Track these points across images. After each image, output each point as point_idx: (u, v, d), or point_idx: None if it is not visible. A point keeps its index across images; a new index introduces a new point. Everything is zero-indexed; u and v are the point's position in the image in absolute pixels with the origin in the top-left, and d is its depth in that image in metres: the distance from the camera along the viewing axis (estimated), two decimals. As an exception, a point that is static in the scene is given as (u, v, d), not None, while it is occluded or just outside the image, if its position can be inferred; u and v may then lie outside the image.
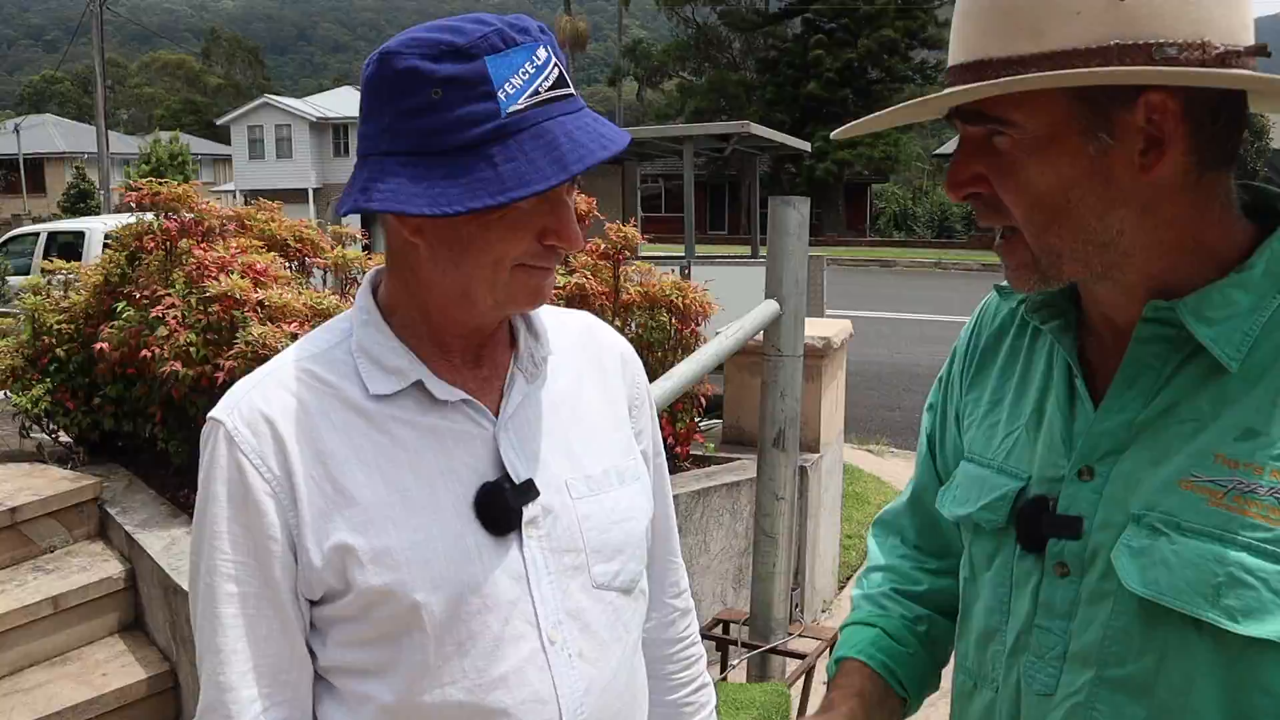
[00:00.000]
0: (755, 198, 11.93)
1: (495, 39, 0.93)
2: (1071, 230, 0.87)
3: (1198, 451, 0.86)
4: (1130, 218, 0.86)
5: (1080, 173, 0.85)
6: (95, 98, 27.32)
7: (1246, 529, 0.82)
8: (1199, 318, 0.86)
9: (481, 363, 1.08)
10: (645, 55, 45.76)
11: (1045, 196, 0.86)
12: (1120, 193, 0.85)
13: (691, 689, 1.33)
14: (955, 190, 0.92)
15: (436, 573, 0.99)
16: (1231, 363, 0.85)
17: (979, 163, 0.90)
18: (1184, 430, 0.87)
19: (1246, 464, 0.83)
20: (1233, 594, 0.81)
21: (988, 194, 0.91)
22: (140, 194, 4.10)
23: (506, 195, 0.91)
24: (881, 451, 7.49)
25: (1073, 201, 0.86)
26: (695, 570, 3.96)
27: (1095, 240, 0.87)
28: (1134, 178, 0.85)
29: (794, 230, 3.18)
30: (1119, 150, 0.84)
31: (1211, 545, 0.83)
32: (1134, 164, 0.84)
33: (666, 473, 1.30)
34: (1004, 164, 0.88)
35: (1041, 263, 0.90)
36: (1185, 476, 0.86)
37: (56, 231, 12.68)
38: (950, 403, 1.17)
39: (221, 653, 0.99)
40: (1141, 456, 0.90)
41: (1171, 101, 0.82)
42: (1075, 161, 0.85)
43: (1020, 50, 0.83)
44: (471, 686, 1.00)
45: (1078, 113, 0.84)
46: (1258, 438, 0.83)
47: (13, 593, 3.52)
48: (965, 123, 0.90)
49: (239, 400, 1.02)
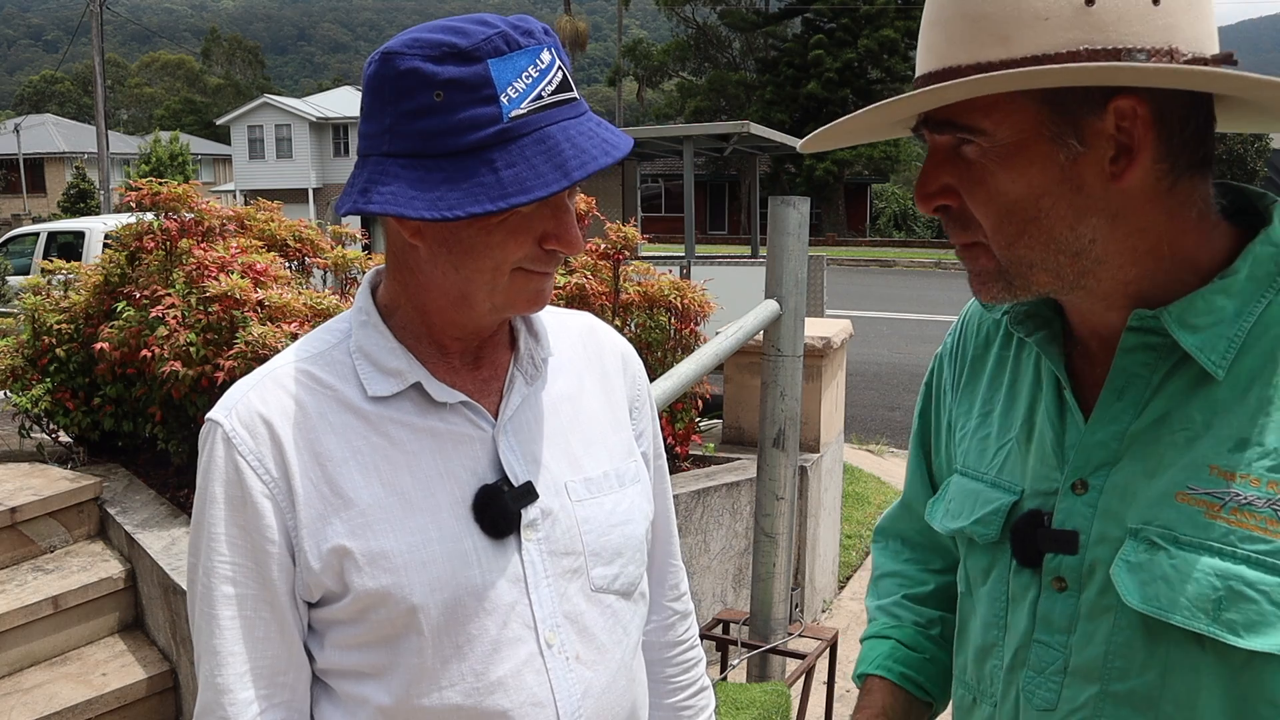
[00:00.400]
0: (755, 198, 11.94)
1: (499, 41, 0.92)
2: (1042, 240, 0.86)
3: (1192, 463, 0.85)
4: (1102, 226, 0.85)
5: (1051, 180, 0.84)
6: (95, 98, 27.31)
7: (1245, 541, 0.81)
8: (1183, 325, 0.85)
9: (481, 364, 1.08)
10: (645, 55, 45.74)
11: (1016, 206, 0.85)
12: (1091, 201, 0.84)
13: (691, 692, 1.32)
14: (924, 202, 0.91)
15: (434, 576, 0.99)
16: (1218, 370, 0.85)
17: (948, 173, 0.88)
18: (1177, 441, 0.87)
19: (1242, 476, 0.83)
20: (1234, 608, 0.81)
21: (956, 207, 0.89)
22: (140, 194, 4.10)
23: (507, 201, 0.90)
24: (881, 451, 7.49)
25: (1043, 210, 0.85)
26: (695, 570, 3.96)
27: (1066, 249, 0.86)
28: (1105, 185, 0.84)
29: (794, 230, 3.18)
30: (1089, 157, 0.83)
31: (1211, 559, 0.82)
32: (1104, 171, 0.83)
33: (667, 474, 1.29)
34: (973, 174, 0.86)
35: (1009, 273, 0.88)
36: (1182, 489, 0.85)
37: (56, 231, 12.67)
38: (942, 412, 1.16)
39: (219, 654, 0.99)
40: (1135, 468, 0.89)
41: (1141, 107, 0.81)
42: (1045, 169, 0.84)
43: (988, 56, 0.82)
44: (469, 690, 1.00)
45: (1047, 119, 0.83)
46: (1250, 448, 0.83)
47: (13, 593, 3.52)
48: (934, 132, 0.88)
49: (237, 401, 1.01)
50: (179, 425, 3.90)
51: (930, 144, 0.90)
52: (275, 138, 42.28)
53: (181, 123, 64.07)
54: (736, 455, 4.54)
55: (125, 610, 3.74)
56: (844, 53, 37.83)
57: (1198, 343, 0.85)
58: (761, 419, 3.28)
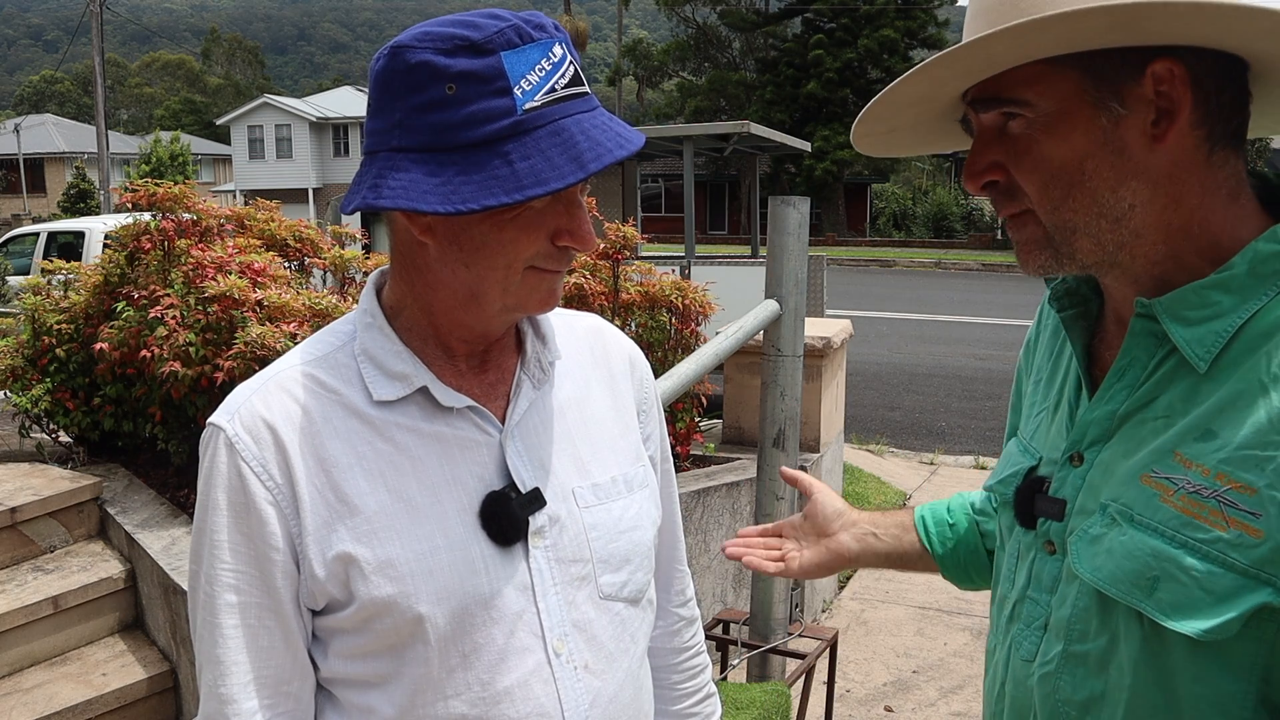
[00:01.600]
0: (755, 198, 11.93)
1: (511, 34, 0.91)
2: (1086, 203, 0.89)
3: (1161, 448, 0.89)
4: (1143, 191, 0.88)
5: (1094, 144, 0.87)
6: (95, 98, 27.29)
7: (1187, 528, 0.85)
8: (1175, 317, 0.89)
9: (487, 368, 1.06)
10: (645, 55, 45.70)
11: (1060, 171, 0.89)
12: (1133, 164, 0.87)
13: (697, 699, 1.31)
14: (973, 180, 0.95)
15: (441, 584, 0.97)
16: (1200, 363, 0.87)
17: (995, 150, 0.93)
18: (1157, 425, 0.90)
19: (1197, 464, 0.85)
20: (1165, 588, 0.85)
21: (1004, 181, 0.93)
22: (137, 195, 4.10)
23: (523, 193, 0.89)
24: (881, 451, 7.49)
25: (1087, 173, 0.88)
26: (695, 570, 3.95)
27: (1109, 214, 0.89)
28: (1147, 148, 0.87)
29: (794, 230, 3.18)
30: (1131, 121, 0.87)
31: (1155, 540, 0.86)
32: (1146, 134, 0.87)
33: (674, 479, 1.28)
34: (1020, 146, 0.90)
35: (1055, 239, 0.92)
36: (1147, 471, 0.89)
37: (56, 231, 12.66)
38: (1023, 386, 1.21)
39: (222, 664, 0.97)
40: (1120, 448, 0.93)
41: (1178, 68, 0.84)
42: (1089, 134, 0.87)
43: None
44: (475, 699, 0.99)
45: (1089, 86, 0.87)
46: (1210, 439, 0.86)
47: (13, 593, 3.51)
48: (980, 111, 0.93)
49: (240, 405, 0.99)
50: (179, 425, 3.90)
51: (977, 126, 0.95)
52: (275, 138, 42.29)
53: (181, 123, 64.06)
54: (736, 455, 4.54)
55: (125, 610, 3.73)
56: (844, 53, 37.80)
57: (1186, 335, 0.88)
58: (761, 419, 3.28)
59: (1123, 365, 0.94)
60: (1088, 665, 0.93)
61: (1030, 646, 1.00)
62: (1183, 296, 0.88)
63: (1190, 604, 0.83)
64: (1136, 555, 0.87)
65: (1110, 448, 0.94)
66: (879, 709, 3.81)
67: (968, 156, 0.95)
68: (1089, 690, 0.92)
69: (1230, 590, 0.82)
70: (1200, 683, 0.85)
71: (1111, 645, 0.91)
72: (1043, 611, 0.99)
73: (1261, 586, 0.81)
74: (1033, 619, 1.00)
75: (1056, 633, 0.96)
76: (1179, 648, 0.85)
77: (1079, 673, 0.94)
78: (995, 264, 25.78)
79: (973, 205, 37.43)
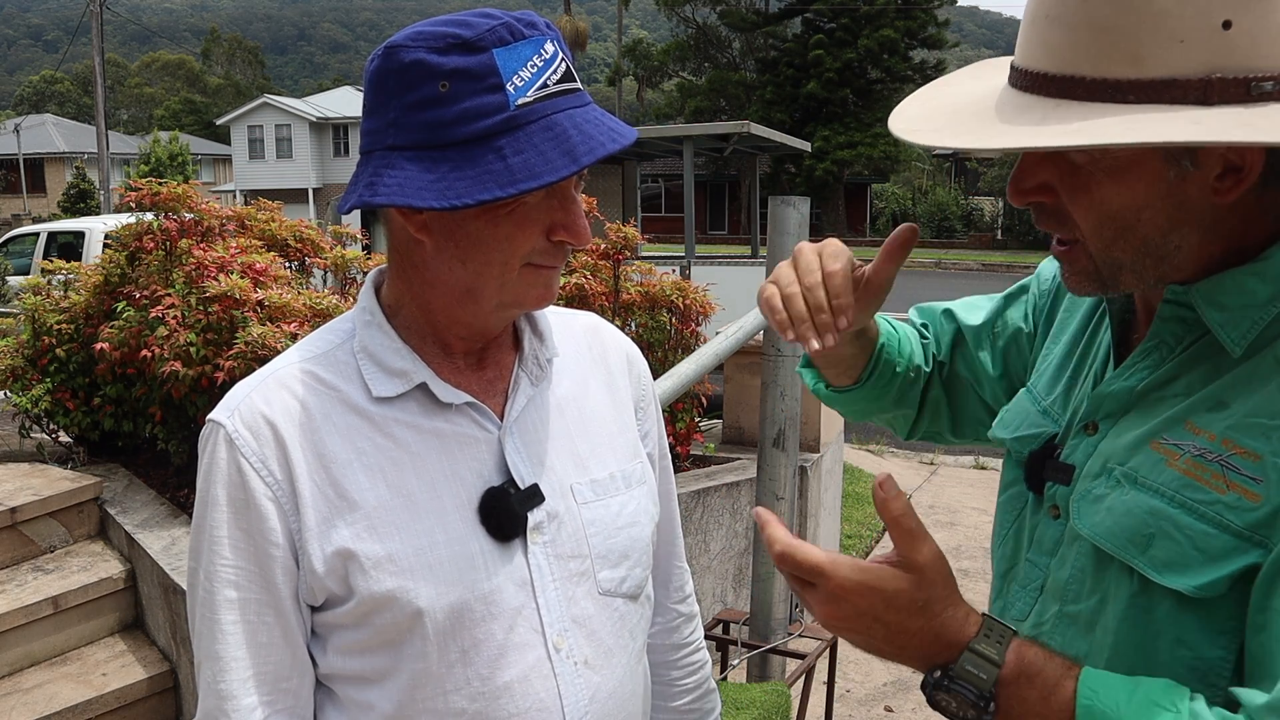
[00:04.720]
0: (755, 197, 11.94)
1: (503, 32, 0.92)
2: (1136, 245, 0.89)
3: (1174, 417, 0.90)
4: (1192, 236, 0.88)
5: (1155, 195, 0.86)
6: (95, 98, 27.29)
7: (1187, 489, 0.86)
8: (1210, 303, 0.89)
9: (485, 364, 1.07)
10: (645, 55, 45.72)
11: (1117, 215, 0.87)
12: (1189, 214, 0.87)
13: (696, 695, 1.32)
14: (1019, 196, 0.92)
15: (440, 580, 0.98)
16: (1235, 348, 0.88)
17: (1048, 170, 0.89)
18: (1175, 401, 0.92)
19: (1204, 431, 0.87)
20: (1160, 545, 0.86)
21: (1051, 204, 0.91)
22: (140, 194, 4.10)
23: (517, 187, 0.90)
24: (881, 451, 7.49)
25: (1143, 221, 0.87)
26: (695, 570, 3.95)
27: (1154, 254, 0.89)
28: (1206, 200, 0.86)
29: (794, 230, 3.18)
30: (1197, 175, 0.85)
31: (1154, 499, 0.88)
32: (1209, 188, 0.85)
33: (672, 475, 1.28)
34: (1079, 179, 0.88)
35: (1102, 274, 0.92)
36: (1157, 438, 0.90)
37: (56, 231, 12.66)
38: (1037, 324, 1.20)
39: (221, 660, 0.98)
40: (1135, 420, 0.94)
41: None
42: (1153, 186, 0.85)
43: (1116, 74, 0.81)
44: (475, 695, 0.99)
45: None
46: (1223, 409, 0.87)
47: (13, 593, 3.51)
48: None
49: (239, 402, 1.00)
50: (179, 425, 3.90)
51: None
52: (275, 138, 42.28)
53: (181, 123, 64.07)
54: (736, 455, 4.54)
55: (125, 610, 3.73)
56: (844, 53, 37.83)
57: (1221, 320, 0.89)
58: (761, 419, 3.28)
59: (1149, 346, 0.95)
60: (1078, 625, 0.95)
61: (1024, 607, 1.02)
62: (1219, 283, 0.89)
63: (1182, 561, 0.85)
64: (1134, 513, 0.88)
65: (1126, 421, 0.95)
66: (879, 709, 3.81)
67: (1016, 169, 0.91)
68: (1075, 651, 0.93)
69: (1223, 551, 0.83)
70: (1182, 646, 0.86)
71: (1100, 606, 0.92)
72: (1040, 574, 1.01)
73: (1253, 548, 0.82)
74: (1029, 581, 1.02)
75: (1053, 594, 0.98)
76: (1164, 605, 0.86)
77: (1069, 633, 0.95)
78: (995, 264, 25.79)
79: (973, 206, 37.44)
